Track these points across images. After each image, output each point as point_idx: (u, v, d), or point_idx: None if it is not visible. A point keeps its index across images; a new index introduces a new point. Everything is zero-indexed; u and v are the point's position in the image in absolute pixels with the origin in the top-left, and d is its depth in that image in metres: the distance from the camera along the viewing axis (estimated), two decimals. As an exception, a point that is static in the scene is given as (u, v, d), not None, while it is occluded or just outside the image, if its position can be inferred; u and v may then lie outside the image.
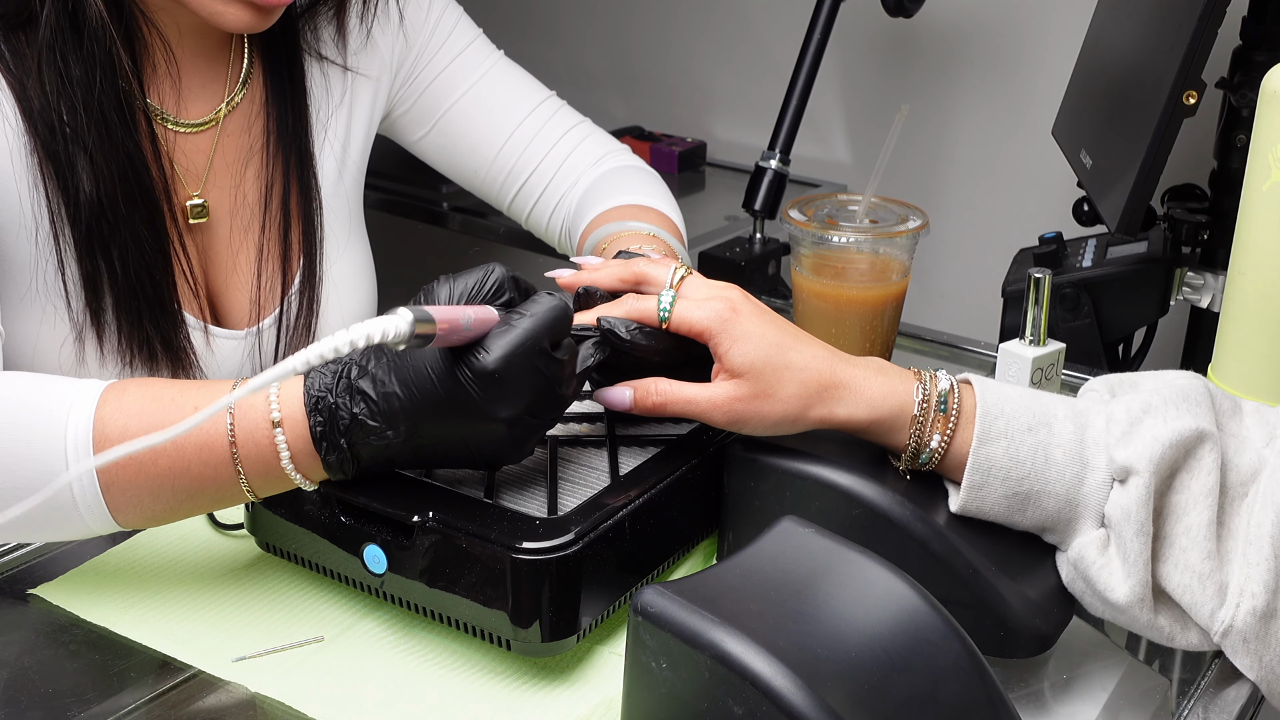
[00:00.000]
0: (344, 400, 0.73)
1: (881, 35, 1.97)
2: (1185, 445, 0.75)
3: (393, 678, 0.76)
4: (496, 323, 0.72)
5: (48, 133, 0.92)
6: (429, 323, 0.65)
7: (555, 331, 0.73)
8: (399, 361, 0.72)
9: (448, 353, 0.71)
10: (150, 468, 0.75)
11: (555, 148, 1.20)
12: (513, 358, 0.71)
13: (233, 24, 0.94)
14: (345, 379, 0.73)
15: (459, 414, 0.72)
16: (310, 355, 0.62)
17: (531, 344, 0.71)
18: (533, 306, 0.73)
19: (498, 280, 0.76)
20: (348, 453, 0.74)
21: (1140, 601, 0.74)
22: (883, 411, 0.78)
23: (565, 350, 0.74)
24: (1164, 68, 1.18)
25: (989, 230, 1.96)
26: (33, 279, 0.95)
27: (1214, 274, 1.31)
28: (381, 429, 0.73)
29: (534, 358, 0.72)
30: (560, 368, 0.73)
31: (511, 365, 0.71)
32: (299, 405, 0.74)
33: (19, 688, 0.75)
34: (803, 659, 0.60)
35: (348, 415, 0.73)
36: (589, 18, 2.29)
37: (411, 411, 0.72)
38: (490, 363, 0.71)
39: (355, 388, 0.73)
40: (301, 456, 0.75)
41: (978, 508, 0.77)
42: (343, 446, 0.74)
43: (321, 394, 0.74)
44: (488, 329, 0.72)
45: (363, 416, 0.72)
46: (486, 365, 0.71)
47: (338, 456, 0.74)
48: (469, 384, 0.71)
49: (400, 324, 0.64)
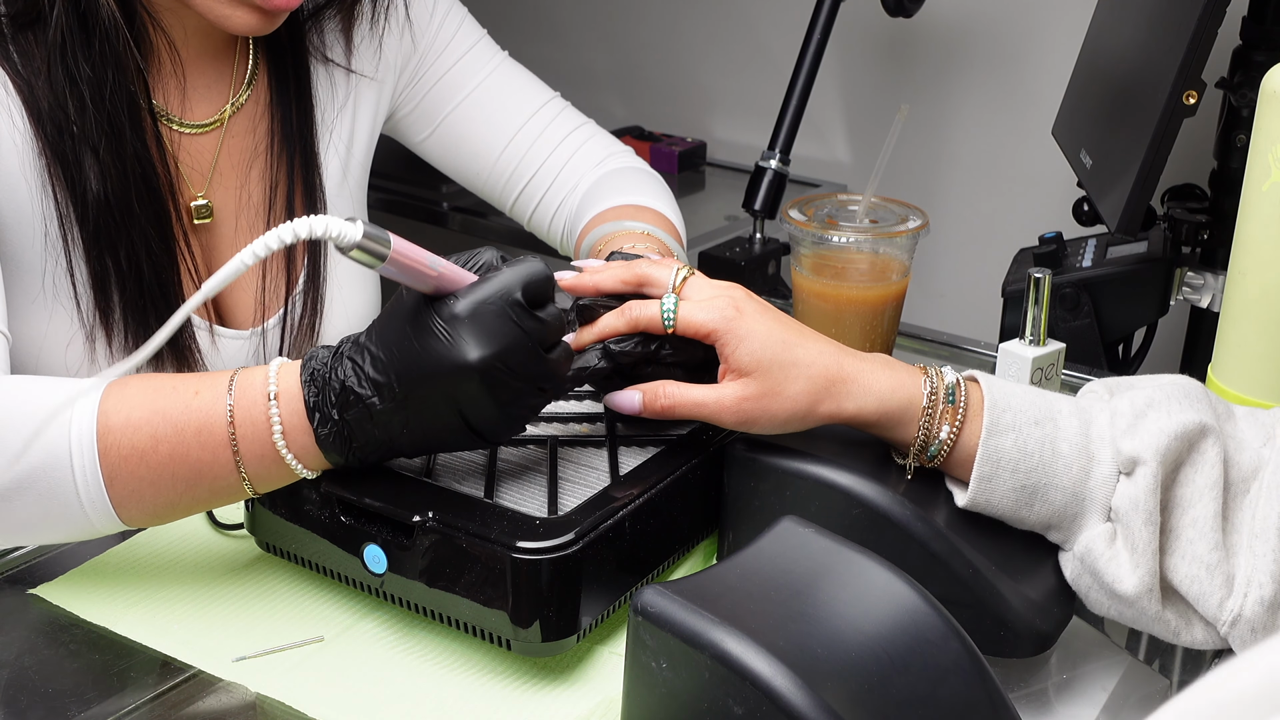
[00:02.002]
0: (335, 370, 0.74)
1: (881, 35, 1.97)
2: (1189, 438, 0.75)
3: (393, 678, 0.76)
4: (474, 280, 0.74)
5: (55, 133, 0.92)
6: (384, 242, 0.68)
7: (531, 286, 0.73)
8: (384, 328, 0.73)
9: (424, 305, 0.72)
10: (151, 455, 0.75)
11: (558, 150, 1.20)
12: (482, 302, 0.72)
13: (238, 26, 0.94)
14: (339, 352, 0.75)
15: (431, 361, 0.72)
16: (256, 247, 0.65)
17: (502, 291, 0.72)
18: (512, 263, 0.74)
19: (484, 261, 0.77)
20: (339, 426, 0.74)
21: (1149, 592, 0.74)
22: (891, 405, 0.78)
23: (550, 314, 0.75)
24: (1164, 68, 1.18)
25: (989, 230, 1.96)
26: (41, 281, 0.96)
27: (1214, 274, 1.31)
28: (367, 394, 0.73)
29: (505, 305, 0.72)
30: (539, 323, 0.73)
31: (479, 308, 0.72)
32: (295, 379, 0.75)
33: (19, 688, 0.75)
34: (803, 659, 0.60)
35: (338, 383, 0.74)
36: (590, 18, 2.30)
37: (390, 368, 0.72)
38: (458, 306, 0.72)
39: (345, 356, 0.74)
40: (295, 433, 0.75)
41: (986, 500, 0.77)
42: (335, 418, 0.74)
43: (318, 367, 0.75)
44: (464, 284, 0.73)
45: (350, 383, 0.73)
46: (454, 308, 0.72)
47: (331, 430, 0.74)
48: (438, 328, 0.72)
49: (353, 230, 0.67)
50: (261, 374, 0.76)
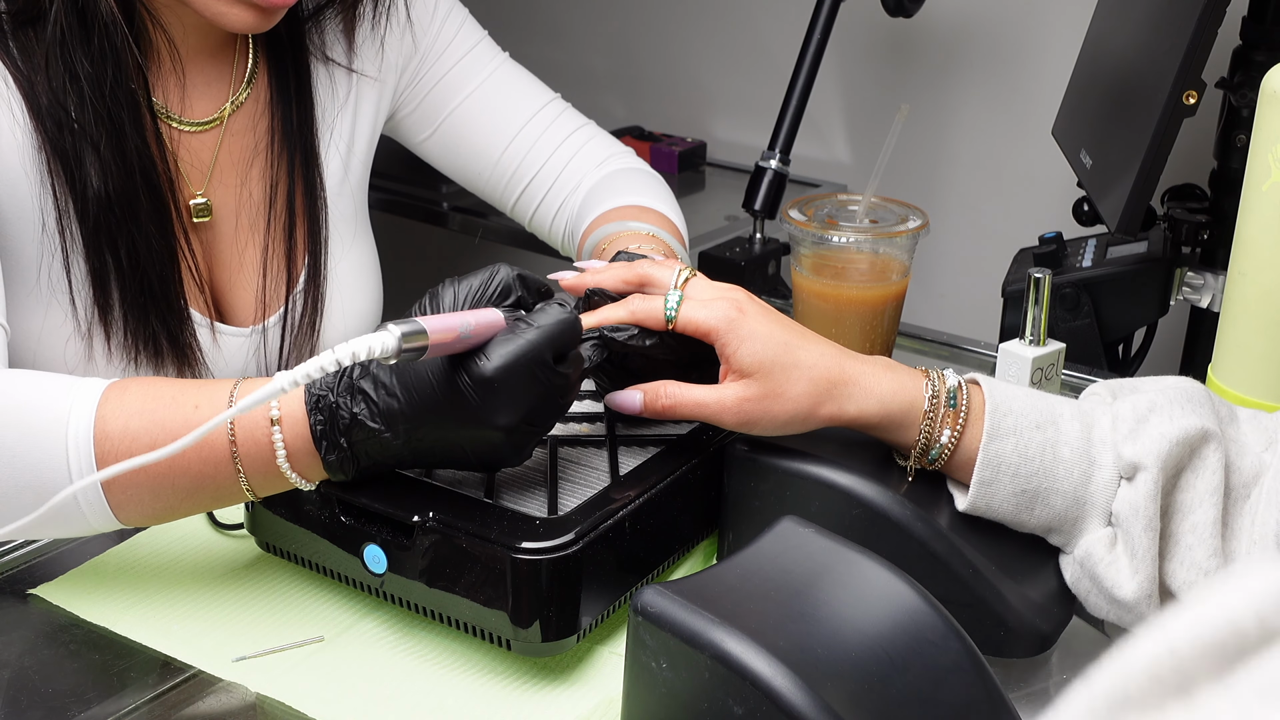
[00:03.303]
0: (345, 399, 0.73)
1: (881, 35, 1.97)
2: (1191, 443, 0.75)
3: (393, 678, 0.76)
4: (501, 328, 0.72)
5: (56, 129, 0.92)
6: (419, 335, 0.66)
7: (559, 343, 0.73)
8: (402, 367, 0.72)
9: (450, 358, 0.71)
10: (151, 467, 0.75)
11: (559, 151, 1.20)
12: (513, 367, 0.71)
13: (236, 24, 0.94)
14: (347, 378, 0.74)
15: (457, 419, 0.72)
16: (298, 374, 0.64)
17: (534, 354, 0.71)
18: (540, 317, 0.73)
19: (502, 281, 0.76)
20: (348, 452, 0.74)
21: (1148, 598, 0.74)
22: (893, 407, 0.78)
23: (571, 362, 0.74)
24: (1164, 68, 1.18)
25: (989, 230, 1.95)
26: (38, 276, 0.96)
27: (1214, 274, 1.31)
28: (380, 430, 0.73)
29: (535, 368, 0.71)
30: (564, 380, 0.73)
31: (511, 374, 0.71)
32: (299, 405, 0.74)
33: (19, 688, 0.75)
34: (803, 659, 0.60)
35: (348, 414, 0.73)
36: (590, 18, 2.29)
37: (410, 415, 0.72)
38: (489, 370, 0.70)
39: (356, 387, 0.73)
40: (299, 455, 0.75)
41: (987, 504, 0.77)
42: (343, 446, 0.74)
43: (323, 393, 0.74)
44: (492, 333, 0.71)
45: (362, 417, 0.73)
46: (485, 373, 0.70)
47: (338, 456, 0.74)
48: (467, 390, 0.71)
49: (388, 340, 0.65)
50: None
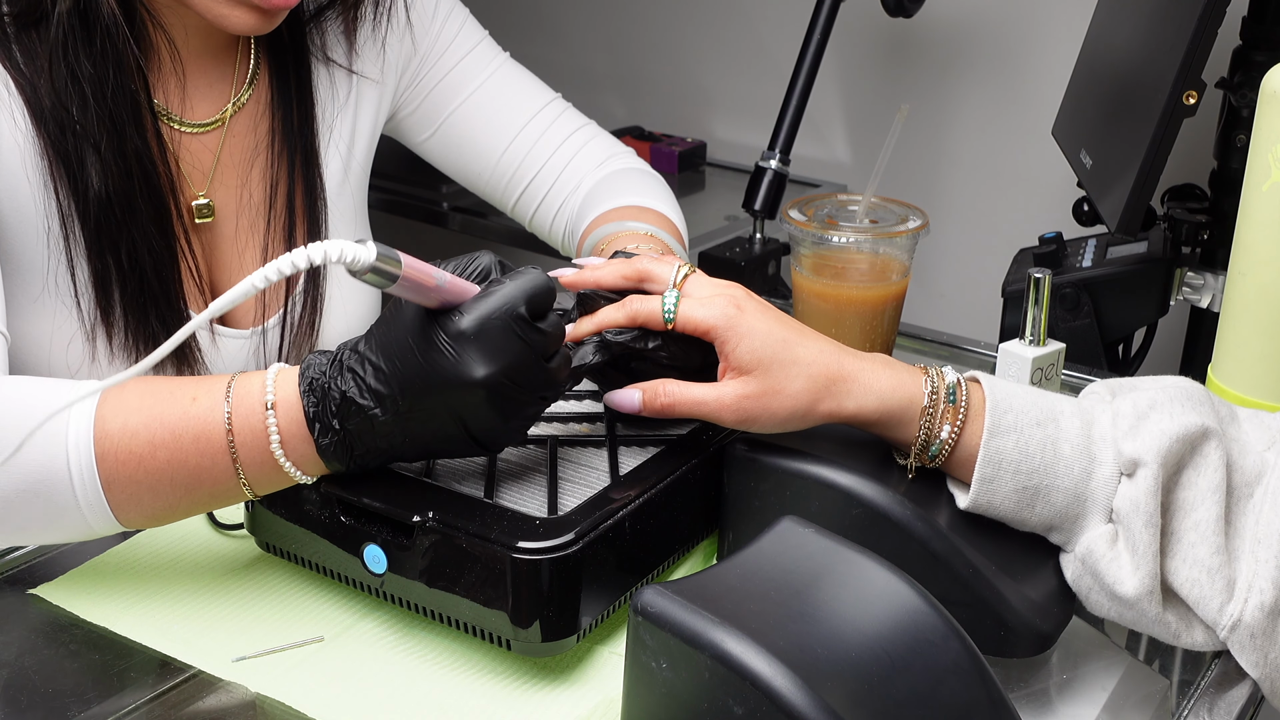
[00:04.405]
0: (335, 380, 0.74)
1: (881, 35, 1.97)
2: (1191, 440, 0.75)
3: (393, 678, 0.76)
4: (478, 292, 0.73)
5: (58, 131, 0.92)
6: (395, 261, 0.67)
7: (534, 299, 0.73)
8: (385, 338, 0.73)
9: (427, 319, 0.72)
10: (149, 461, 0.75)
11: (559, 151, 1.20)
12: (487, 319, 0.71)
13: (237, 26, 0.94)
14: (338, 361, 0.74)
15: (437, 377, 0.72)
16: (269, 271, 0.65)
17: (507, 306, 0.72)
18: (513, 275, 0.74)
19: (482, 266, 0.76)
20: (340, 435, 0.74)
21: (1149, 594, 0.74)
22: (892, 404, 0.78)
23: (551, 324, 0.75)
24: (1164, 68, 1.18)
25: (989, 230, 1.96)
26: (44, 281, 0.96)
27: (1214, 274, 1.31)
28: (369, 406, 0.73)
29: (510, 320, 0.72)
30: (542, 336, 0.73)
31: (485, 325, 0.71)
32: (294, 388, 0.75)
33: (19, 688, 0.75)
34: (803, 659, 0.60)
35: (338, 394, 0.73)
36: (590, 18, 2.29)
37: (393, 380, 0.72)
38: (464, 323, 0.71)
39: (346, 365, 0.74)
40: (293, 441, 0.75)
41: (988, 502, 0.77)
42: (336, 428, 0.74)
43: (316, 376, 0.74)
44: (466, 297, 0.72)
45: (351, 394, 0.73)
46: (460, 325, 0.71)
47: (331, 439, 0.74)
48: (444, 345, 0.71)
49: (363, 253, 0.66)
50: (259, 381, 0.76)
